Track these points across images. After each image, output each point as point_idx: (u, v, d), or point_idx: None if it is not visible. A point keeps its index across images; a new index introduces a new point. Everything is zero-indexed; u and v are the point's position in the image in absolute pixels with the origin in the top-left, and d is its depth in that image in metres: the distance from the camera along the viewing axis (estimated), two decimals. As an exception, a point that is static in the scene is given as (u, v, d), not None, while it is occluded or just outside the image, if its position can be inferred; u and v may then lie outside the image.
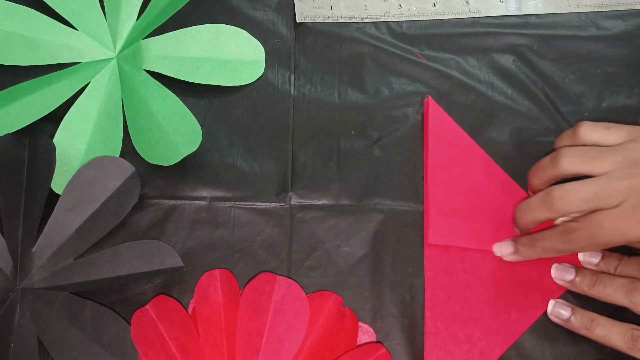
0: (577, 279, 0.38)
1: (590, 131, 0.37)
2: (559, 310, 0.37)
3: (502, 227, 0.41)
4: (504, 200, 0.41)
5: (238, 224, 0.41)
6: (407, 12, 0.49)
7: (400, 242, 0.41)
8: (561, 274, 0.38)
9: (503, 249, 0.39)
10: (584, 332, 0.36)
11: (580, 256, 0.39)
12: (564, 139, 0.38)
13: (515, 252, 0.39)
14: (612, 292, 0.36)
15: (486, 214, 0.41)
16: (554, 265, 0.39)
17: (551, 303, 0.38)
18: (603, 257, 0.38)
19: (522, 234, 0.40)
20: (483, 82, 0.46)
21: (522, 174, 0.42)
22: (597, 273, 0.37)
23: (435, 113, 0.44)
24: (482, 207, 0.41)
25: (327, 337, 0.37)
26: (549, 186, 0.37)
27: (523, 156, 0.43)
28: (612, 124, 0.37)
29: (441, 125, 0.44)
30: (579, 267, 0.39)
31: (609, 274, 0.37)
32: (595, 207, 0.35)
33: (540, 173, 0.38)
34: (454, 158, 0.42)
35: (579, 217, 0.36)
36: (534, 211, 0.37)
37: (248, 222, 0.41)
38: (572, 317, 0.37)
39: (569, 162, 0.36)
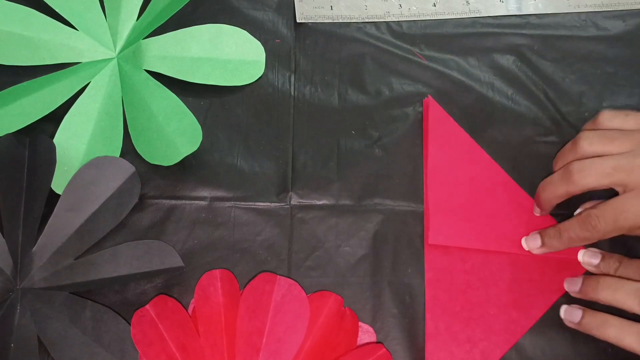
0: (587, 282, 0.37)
1: (610, 118, 0.38)
2: (570, 313, 0.37)
3: (503, 227, 0.41)
4: (505, 200, 0.41)
5: (238, 224, 0.41)
6: (407, 12, 0.49)
7: (400, 242, 0.41)
8: (569, 286, 0.38)
9: (530, 243, 0.39)
10: (596, 334, 0.35)
11: (580, 257, 0.39)
12: (587, 126, 0.39)
13: (543, 244, 0.39)
14: (623, 298, 0.35)
15: (487, 214, 0.41)
16: (566, 280, 0.39)
17: (563, 308, 0.38)
18: (603, 258, 0.38)
19: (543, 212, 0.40)
20: (483, 82, 0.46)
21: (522, 174, 0.42)
22: (599, 277, 0.37)
23: (436, 112, 0.44)
24: (483, 206, 0.41)
25: (327, 337, 0.37)
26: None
27: (523, 156, 0.43)
28: (632, 111, 0.37)
29: (441, 124, 0.43)
30: (588, 275, 0.38)
31: (611, 276, 0.37)
32: (614, 182, 0.35)
33: (562, 157, 0.39)
34: (454, 157, 0.42)
35: (598, 203, 0.36)
36: (554, 185, 0.38)
37: (248, 222, 0.41)
38: (583, 319, 0.36)
39: (587, 143, 0.37)
